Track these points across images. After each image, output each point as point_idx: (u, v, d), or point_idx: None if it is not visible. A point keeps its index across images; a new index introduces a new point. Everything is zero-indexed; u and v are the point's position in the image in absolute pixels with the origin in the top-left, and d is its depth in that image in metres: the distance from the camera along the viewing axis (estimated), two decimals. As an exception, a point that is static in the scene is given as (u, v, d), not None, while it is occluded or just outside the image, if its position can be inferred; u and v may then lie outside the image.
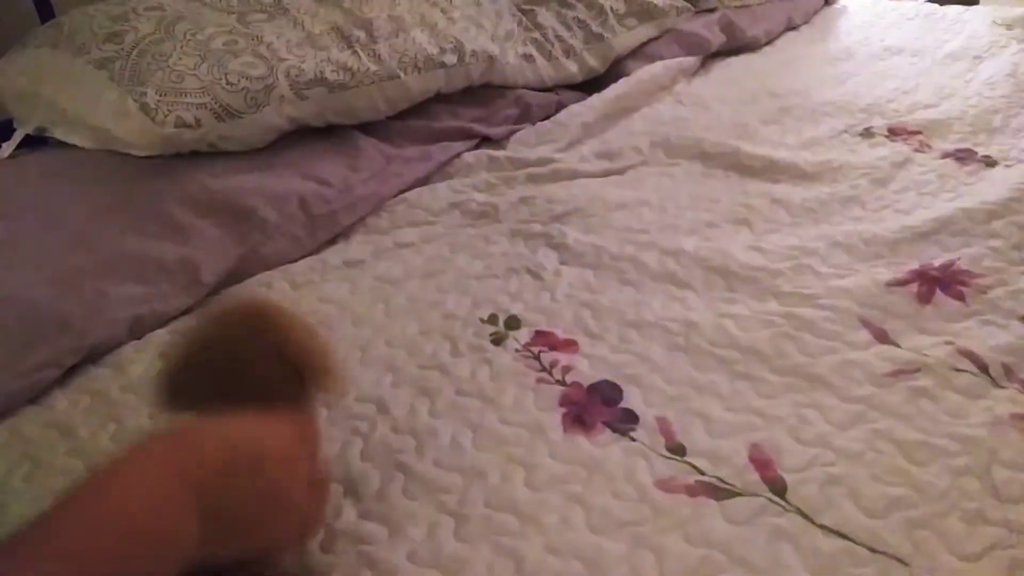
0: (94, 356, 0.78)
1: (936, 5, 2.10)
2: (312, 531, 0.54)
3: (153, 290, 0.84)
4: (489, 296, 0.87)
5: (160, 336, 0.82)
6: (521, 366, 0.75)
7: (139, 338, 0.82)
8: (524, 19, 1.54)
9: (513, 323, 0.82)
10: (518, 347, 0.78)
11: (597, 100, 1.41)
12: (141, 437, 0.45)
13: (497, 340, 0.79)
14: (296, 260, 0.96)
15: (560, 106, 1.42)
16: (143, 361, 0.78)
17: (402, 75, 1.20)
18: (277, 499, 0.48)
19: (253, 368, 0.53)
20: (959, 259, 0.86)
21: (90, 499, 0.40)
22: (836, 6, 2.22)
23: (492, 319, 0.82)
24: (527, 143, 1.29)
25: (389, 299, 0.87)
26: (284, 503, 0.49)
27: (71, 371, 0.77)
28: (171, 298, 0.85)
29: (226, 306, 0.56)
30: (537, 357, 0.76)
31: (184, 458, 0.44)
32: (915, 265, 0.86)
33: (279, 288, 0.90)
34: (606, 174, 1.17)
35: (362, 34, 1.21)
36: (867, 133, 1.27)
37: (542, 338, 0.79)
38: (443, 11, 1.36)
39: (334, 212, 1.02)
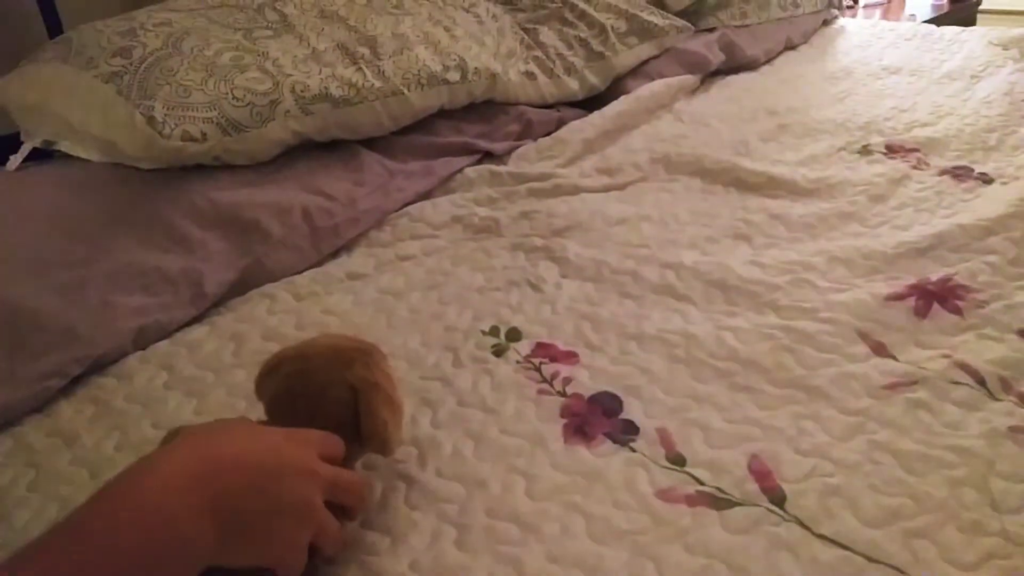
0: (98, 366, 0.79)
1: (933, 25, 2.12)
2: (331, 549, 0.54)
3: (157, 301, 0.85)
4: (490, 308, 0.87)
5: (164, 347, 0.83)
6: (522, 377, 0.76)
7: (143, 348, 0.82)
8: (526, 37, 1.56)
9: (514, 335, 0.82)
10: (519, 359, 0.78)
11: (598, 117, 1.42)
12: (171, 433, 0.49)
13: (498, 352, 0.80)
14: (300, 272, 0.97)
15: (561, 123, 1.43)
16: (147, 372, 0.79)
17: (405, 91, 1.21)
18: (296, 511, 0.49)
19: (326, 405, 0.57)
20: (956, 274, 0.87)
21: (112, 506, 0.41)
22: (835, 26, 2.25)
23: (493, 331, 0.83)
24: (528, 158, 1.30)
25: (391, 311, 0.88)
26: (303, 516, 0.49)
27: (75, 380, 0.77)
28: (175, 309, 0.86)
29: (341, 342, 0.62)
30: (538, 369, 0.77)
31: (205, 466, 0.45)
32: (912, 280, 0.87)
33: (283, 300, 0.91)
34: (607, 189, 1.18)
35: (366, 51, 1.22)
36: (865, 150, 1.29)
37: (543, 350, 0.80)
38: (446, 29, 1.38)
39: (337, 225, 1.03)
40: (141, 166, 1.00)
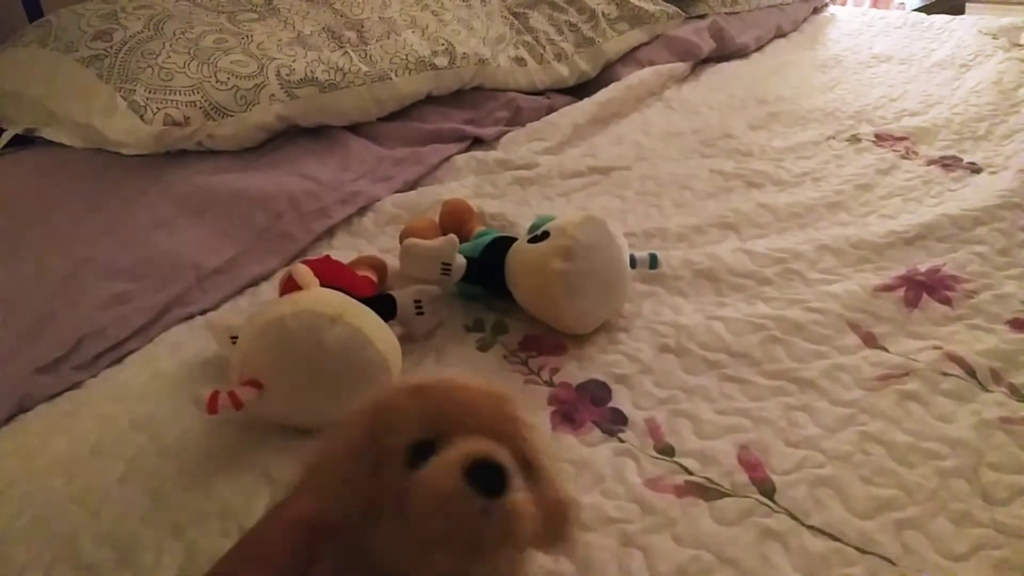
0: (79, 356, 0.77)
1: (923, 14, 2.12)
2: None
3: (138, 287, 0.83)
4: (475, 302, 0.86)
5: (146, 348, 0.80)
6: (509, 370, 0.75)
7: (126, 336, 0.80)
8: (516, 22, 1.55)
9: (500, 328, 0.81)
10: (505, 352, 0.77)
11: (589, 103, 1.41)
12: None
13: (484, 346, 0.79)
14: (288, 256, 0.95)
15: (551, 110, 1.42)
16: (131, 370, 0.77)
17: (393, 76, 1.20)
18: None
19: None
20: (945, 264, 0.87)
21: None
22: (825, 14, 2.24)
23: (479, 325, 0.82)
24: (518, 141, 1.29)
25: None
26: None
27: (52, 375, 0.75)
28: (157, 295, 0.84)
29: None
30: (525, 362, 0.76)
31: None
32: (902, 270, 0.87)
33: (265, 293, 0.89)
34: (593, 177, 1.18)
35: (353, 35, 1.20)
36: (854, 139, 1.28)
37: (530, 342, 0.79)
38: (434, 13, 1.36)
39: (325, 208, 1.01)
40: (123, 152, 0.98)
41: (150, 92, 0.97)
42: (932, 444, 0.62)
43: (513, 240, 0.81)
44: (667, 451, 0.64)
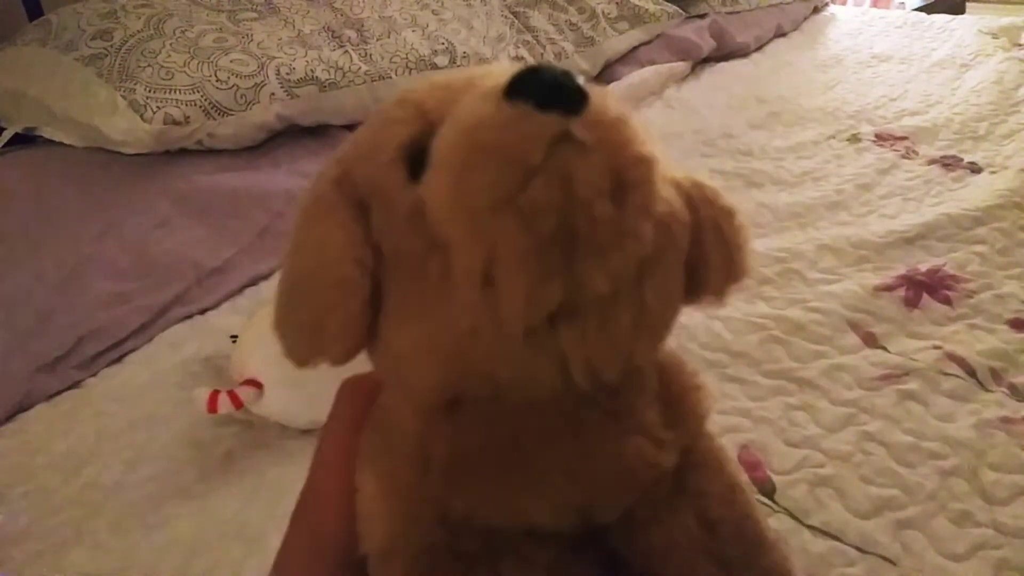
0: (78, 356, 0.77)
1: (923, 14, 2.12)
2: None
3: (139, 286, 0.83)
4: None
5: (147, 348, 0.80)
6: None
7: (125, 335, 0.80)
8: (516, 21, 1.55)
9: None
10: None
11: (588, 103, 1.41)
12: None
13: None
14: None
15: (550, 109, 1.42)
16: (128, 370, 0.77)
17: (393, 75, 1.19)
18: None
19: None
20: (945, 264, 0.87)
21: None
22: (825, 13, 2.24)
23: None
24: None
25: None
26: None
27: (52, 374, 0.75)
28: (157, 295, 0.84)
29: None
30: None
31: None
32: (902, 270, 0.87)
33: (265, 292, 0.89)
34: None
35: (353, 34, 1.20)
36: (854, 139, 1.28)
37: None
38: (434, 12, 1.36)
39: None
40: (123, 151, 0.98)
41: (150, 91, 0.97)
42: (932, 444, 0.62)
43: None
44: (667, 451, 0.64)
